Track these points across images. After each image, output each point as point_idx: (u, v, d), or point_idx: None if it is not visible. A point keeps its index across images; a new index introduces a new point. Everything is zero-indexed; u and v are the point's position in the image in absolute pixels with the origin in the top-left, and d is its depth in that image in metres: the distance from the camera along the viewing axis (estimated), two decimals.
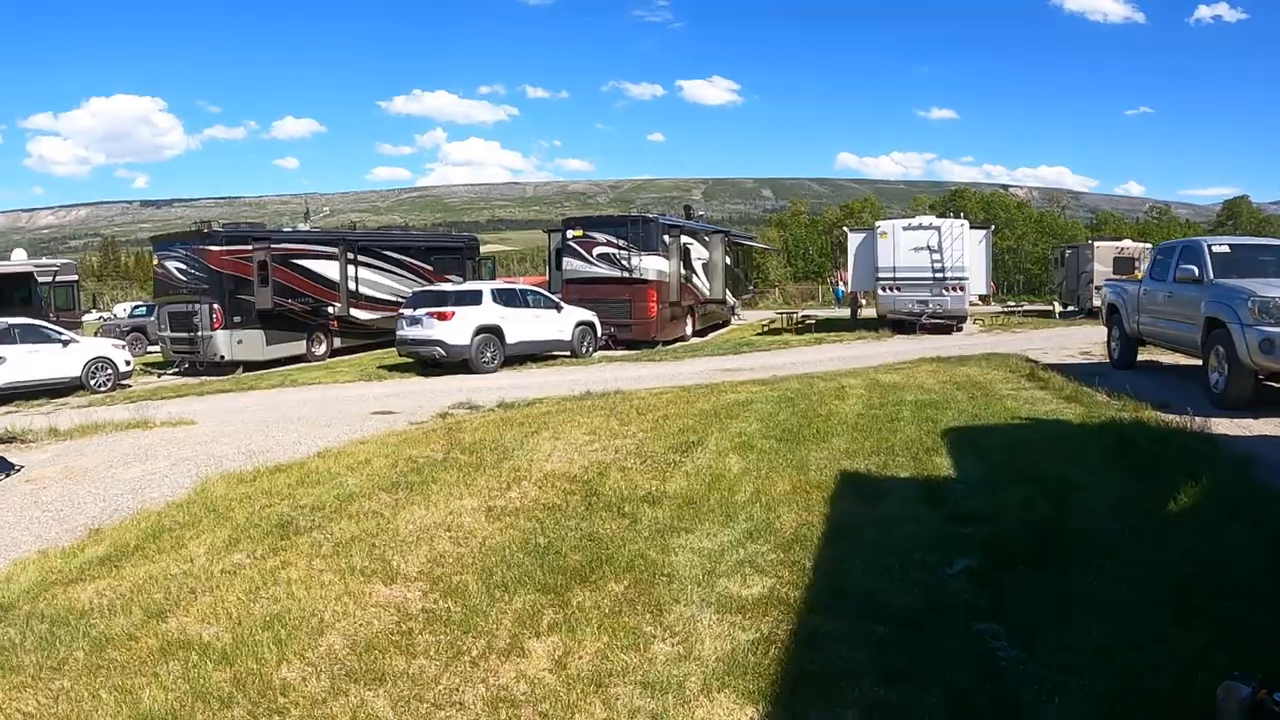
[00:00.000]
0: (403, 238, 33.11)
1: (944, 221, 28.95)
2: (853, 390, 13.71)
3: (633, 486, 8.09)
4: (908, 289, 28.16)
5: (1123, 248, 41.11)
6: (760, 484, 7.93)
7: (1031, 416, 10.90)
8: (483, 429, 11.59)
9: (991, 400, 12.15)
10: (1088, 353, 20.56)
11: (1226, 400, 11.87)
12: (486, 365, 21.45)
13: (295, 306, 26.09)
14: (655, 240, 26.51)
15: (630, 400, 13.66)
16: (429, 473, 9.04)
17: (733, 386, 15.10)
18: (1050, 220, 75.40)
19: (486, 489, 8.32)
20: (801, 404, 12.39)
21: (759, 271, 58.35)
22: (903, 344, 24.88)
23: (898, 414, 11.19)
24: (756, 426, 10.67)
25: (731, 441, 9.81)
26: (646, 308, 26.31)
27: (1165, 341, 14.85)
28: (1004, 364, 16.78)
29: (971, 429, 10.18)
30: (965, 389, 13.49)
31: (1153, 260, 15.72)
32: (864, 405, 12.13)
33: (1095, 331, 28.14)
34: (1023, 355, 18.79)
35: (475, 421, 12.50)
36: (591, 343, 24.56)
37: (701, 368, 20.31)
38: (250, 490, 8.93)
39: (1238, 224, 78.49)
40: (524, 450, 9.90)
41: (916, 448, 9.11)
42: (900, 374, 15.96)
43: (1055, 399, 12.34)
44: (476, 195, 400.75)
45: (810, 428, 10.42)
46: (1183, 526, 6.47)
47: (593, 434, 10.76)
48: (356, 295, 27.85)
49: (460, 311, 21.41)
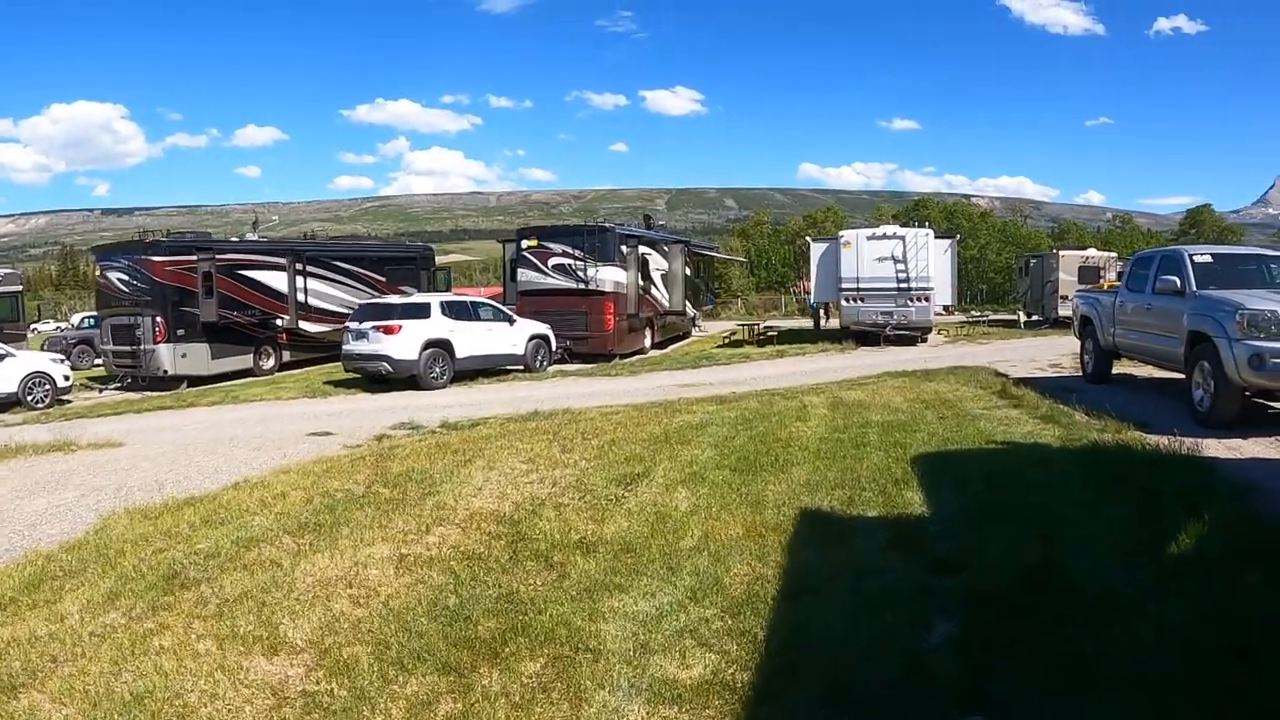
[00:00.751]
0: (354, 248, 32.04)
1: (909, 231, 28.22)
2: (815, 410, 12.86)
3: (566, 529, 7.17)
4: (872, 300, 27.48)
5: (1088, 257, 40.80)
6: (710, 526, 7.01)
7: (1008, 440, 10.06)
8: (414, 456, 10.62)
9: (963, 421, 11.31)
10: (1058, 365, 19.91)
11: (1212, 419, 11.14)
12: (435, 381, 20.50)
13: (241, 319, 25.21)
14: (612, 250, 25.67)
15: (577, 422, 12.76)
16: (343, 511, 8.08)
17: (688, 405, 14.22)
18: (1013, 230, 75.15)
19: (403, 532, 7.37)
20: (760, 426, 11.51)
21: (721, 282, 57.66)
22: (867, 356, 24.14)
23: (863, 438, 10.32)
24: (710, 454, 9.78)
25: (681, 472, 8.91)
26: (603, 320, 25.47)
27: (1144, 356, 14.13)
28: (973, 379, 16.03)
29: (944, 455, 9.33)
30: (934, 408, 12.67)
31: (1129, 270, 15.00)
32: (827, 428, 11.26)
33: (1063, 342, 27.64)
34: (991, 369, 18.07)
35: (409, 447, 11.53)
36: (546, 357, 23.65)
37: (658, 383, 19.44)
38: (150, 530, 7.97)
39: (1200, 232, 78.45)
40: (453, 483, 8.96)
41: (885, 479, 8.22)
42: (865, 391, 15.13)
43: (1031, 419, 11.53)
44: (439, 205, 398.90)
45: (768, 455, 9.54)
46: (1190, 575, 5.61)
47: (531, 463, 9.83)
48: (305, 307, 26.92)
49: (407, 325, 20.44)
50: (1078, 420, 11.25)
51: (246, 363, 25.76)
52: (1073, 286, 38.38)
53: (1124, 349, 14.77)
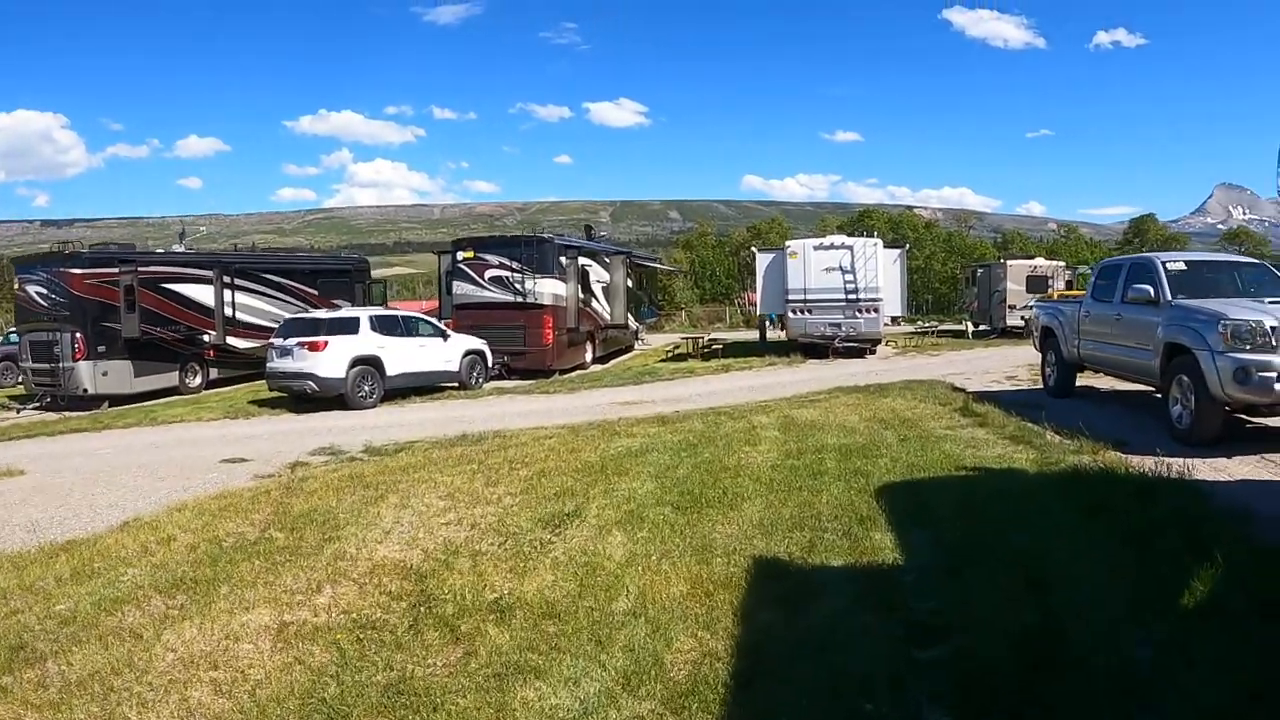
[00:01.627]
0: (285, 259, 30.64)
1: (857, 240, 27.50)
2: (765, 432, 11.88)
3: (480, 586, 6.09)
4: (819, 311, 26.66)
5: (1035, 266, 40.43)
6: (648, 581, 5.96)
7: (979, 466, 9.13)
8: (322, 492, 9.48)
9: (927, 444, 10.36)
10: (1014, 377, 19.25)
11: (1193, 436, 10.38)
12: (364, 400, 19.31)
13: (166, 335, 23.79)
14: (551, 262, 24.60)
15: (506, 448, 11.67)
16: (227, 564, 6.95)
17: (628, 426, 13.19)
18: (958, 240, 75.06)
19: (290, 592, 6.25)
20: (706, 452, 10.50)
21: (665, 294, 56.71)
22: (816, 370, 23.29)
23: (820, 465, 9.34)
24: (650, 487, 8.73)
25: (617, 510, 7.86)
26: (542, 334, 24.37)
27: (1112, 369, 13.35)
28: (930, 394, 15.19)
29: (912, 485, 8.35)
30: (894, 428, 11.75)
31: (1094, 279, 14.24)
32: (779, 453, 10.27)
33: (1015, 352, 27.06)
34: (947, 383, 17.33)
35: (320, 479, 10.40)
36: (482, 373, 22.54)
37: (598, 400, 18.44)
38: (13, 584, 6.87)
39: (1144, 241, 78.74)
40: (358, 526, 7.86)
41: (849, 516, 7.23)
42: (817, 409, 14.18)
43: (999, 440, 10.64)
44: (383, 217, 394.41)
45: (715, 487, 8.52)
46: (1217, 637, 4.73)
47: (450, 499, 8.73)
48: (234, 322, 25.50)
49: (334, 341, 19.23)
50: (1050, 441, 10.40)
51: (172, 380, 24.34)
52: (1021, 296, 38.16)
53: (1090, 362, 14.01)
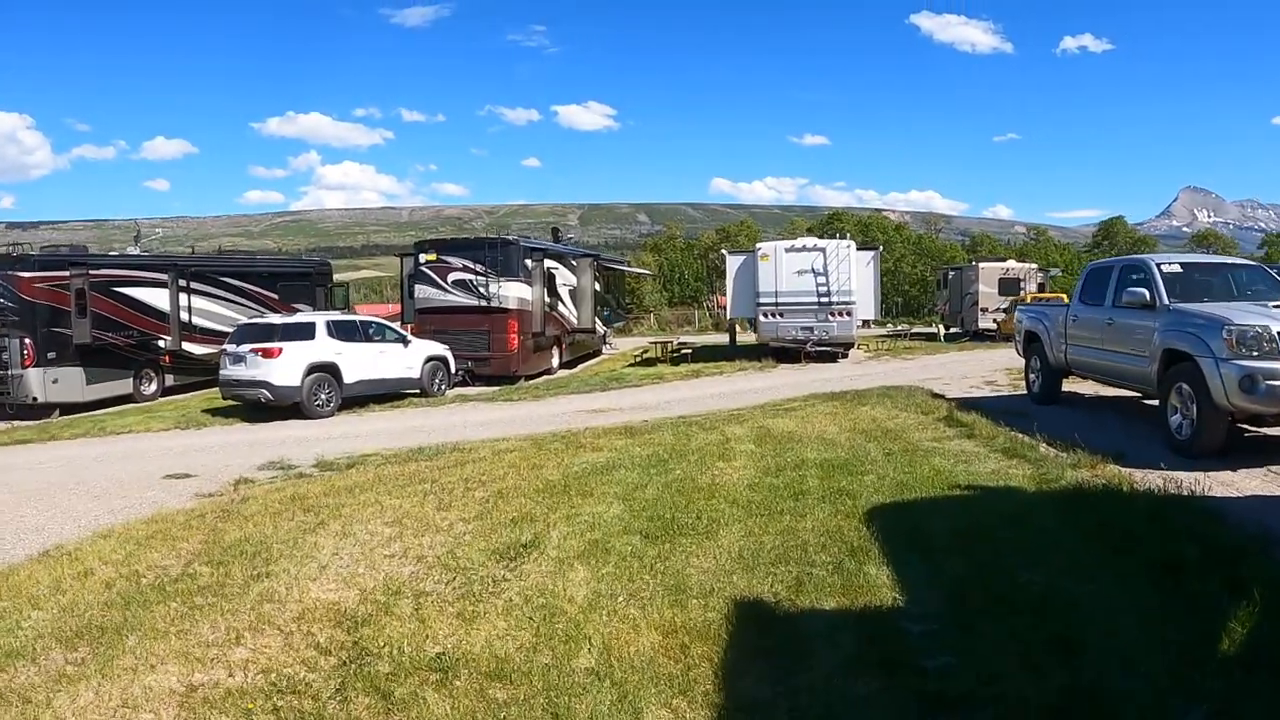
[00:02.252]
0: (244, 262, 29.56)
1: (829, 242, 26.79)
2: (740, 445, 11.12)
3: (422, 637, 5.29)
4: (791, 315, 25.99)
5: (1008, 268, 40.10)
6: (614, 632, 5.18)
7: (973, 484, 8.40)
8: (260, 516, 8.64)
9: (915, 458, 9.64)
10: (993, 383, 18.66)
11: (1195, 448, 9.77)
12: (321, 409, 18.46)
13: (119, 340, 22.85)
14: (516, 265, 23.79)
15: (464, 464, 10.86)
16: (141, 607, 6.11)
17: (594, 438, 12.42)
18: (928, 242, 74.63)
19: (206, 644, 5.43)
20: (677, 469, 9.72)
21: (633, 297, 55.94)
22: (788, 375, 22.60)
23: (802, 484, 8.59)
24: (616, 510, 7.95)
25: (581, 538, 7.08)
26: (506, 339, 23.57)
27: (1104, 375, 12.73)
28: (910, 402, 14.51)
29: (903, 508, 7.62)
30: (877, 440, 11.04)
31: (1082, 282, 13.59)
32: (756, 469, 9.51)
33: (991, 356, 26.57)
34: (926, 389, 16.66)
35: (262, 500, 9.56)
36: (444, 380, 21.70)
37: (564, 408, 17.67)
38: None
39: (1113, 244, 78.59)
40: (294, 558, 7.04)
41: (838, 546, 6.49)
42: (793, 418, 13.44)
43: (990, 453, 9.95)
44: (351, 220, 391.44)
45: (689, 510, 7.76)
46: (1263, 691, 4.17)
47: (398, 525, 7.91)
48: (190, 327, 24.56)
49: (289, 348, 18.37)
50: (1045, 454, 9.73)
51: (126, 388, 23.40)
52: (993, 299, 37.83)
53: (1078, 368, 13.39)
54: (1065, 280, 56.24)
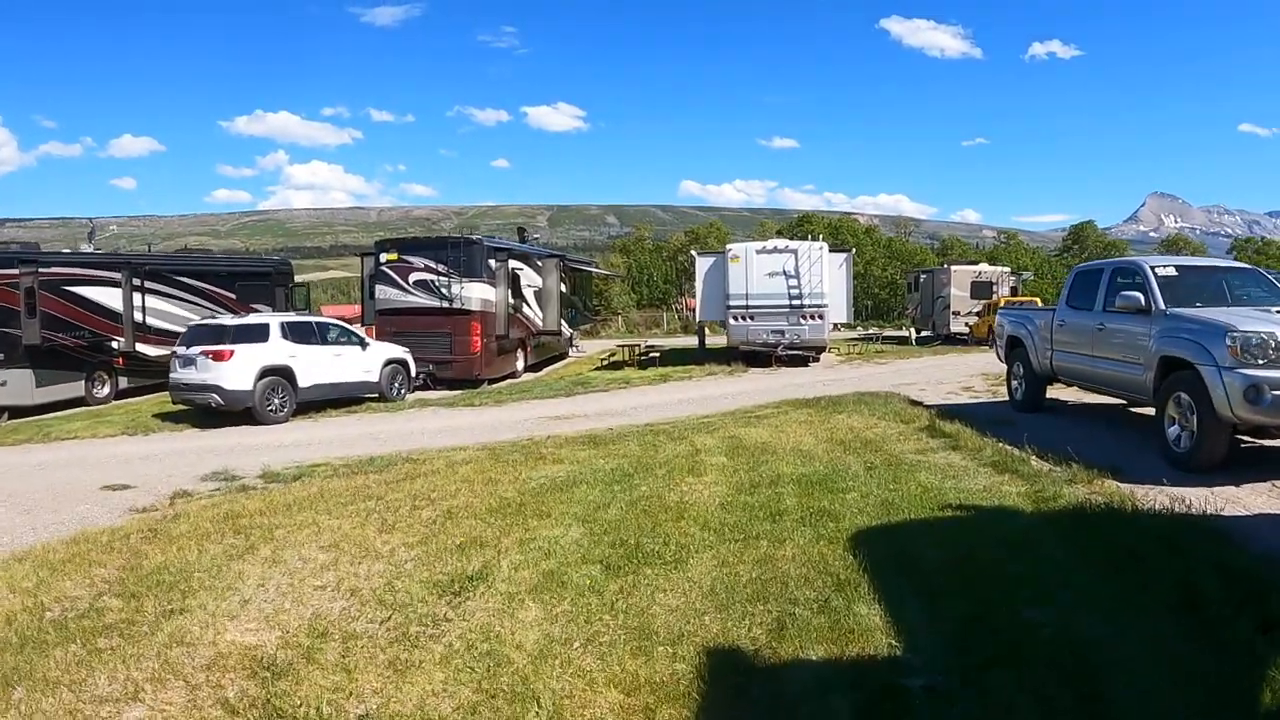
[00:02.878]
0: (201, 261, 28.61)
1: (801, 244, 26.17)
2: (711, 457, 10.39)
3: (346, 694, 4.51)
4: (762, 318, 25.41)
5: (980, 271, 39.77)
6: (569, 688, 4.42)
7: (965, 503, 7.71)
8: (188, 537, 7.83)
9: (899, 472, 8.95)
10: (970, 388, 18.06)
11: (1195, 461, 9.13)
12: (274, 415, 17.69)
13: (70, 341, 22.03)
14: (479, 265, 23.06)
15: (415, 477, 10.08)
16: (35, 650, 5.31)
17: (556, 449, 11.66)
18: (898, 245, 74.23)
19: (99, 700, 4.63)
20: (642, 485, 8.96)
21: (601, 299, 55.19)
22: (759, 380, 21.97)
23: (779, 503, 7.87)
24: (575, 534, 7.19)
25: (534, 569, 6.31)
26: (469, 342, 22.87)
27: (1093, 383, 12.09)
28: (889, 410, 13.85)
29: (892, 531, 6.92)
30: (857, 452, 10.35)
31: (1069, 286, 12.96)
32: (729, 486, 8.78)
33: (965, 360, 26.07)
34: (902, 395, 16.09)
35: (194, 518, 8.75)
36: (404, 384, 20.95)
37: (526, 414, 16.94)
38: None
39: (1083, 248, 78.59)
40: (215, 590, 6.26)
41: (823, 579, 5.76)
42: (767, 427, 12.74)
43: (979, 467, 9.27)
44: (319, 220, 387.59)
45: (655, 534, 7.02)
46: None
47: (335, 550, 7.12)
48: (144, 328, 23.71)
49: (241, 350, 17.57)
50: (1036, 468, 9.08)
51: (78, 390, 22.59)
52: (965, 302, 37.44)
53: (1065, 375, 12.78)
54: (1037, 284, 56.08)
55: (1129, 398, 11.50)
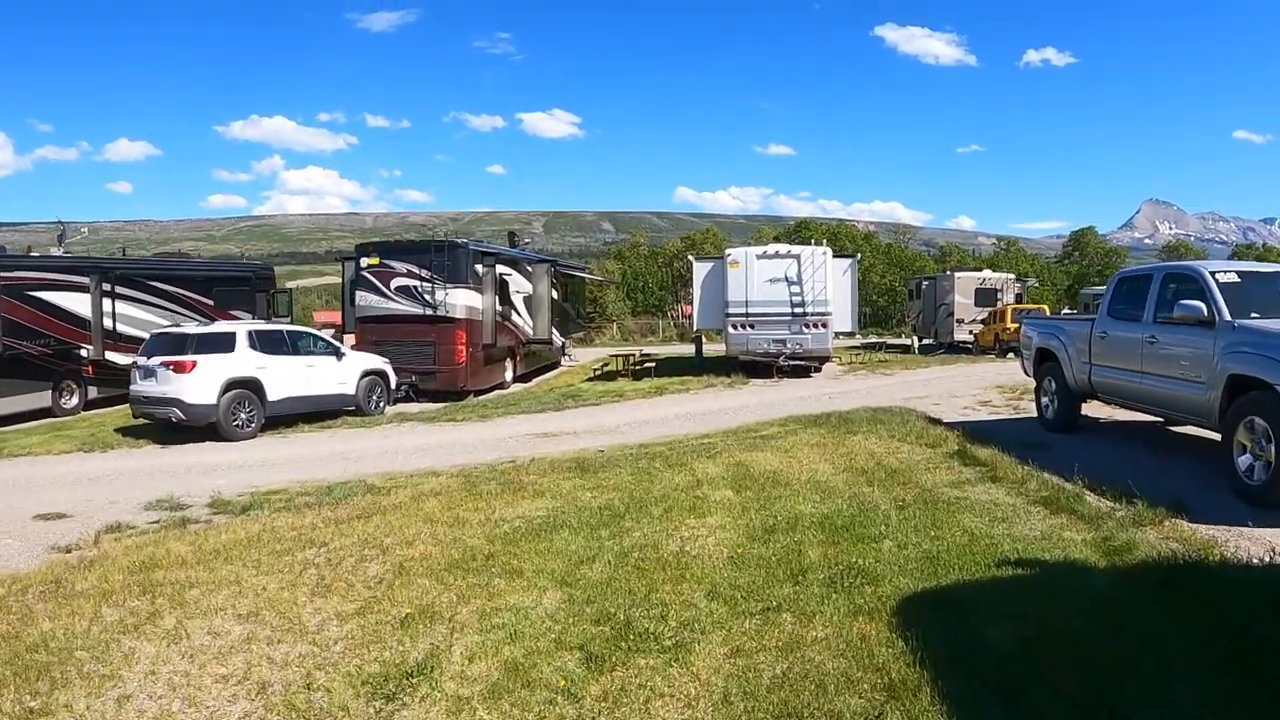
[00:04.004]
0: (175, 265, 27.18)
1: (804, 249, 24.92)
2: (715, 491, 9.02)
3: None
4: (763, 326, 24.20)
5: (984, 278, 38.74)
6: None
7: (1023, 555, 6.34)
8: (86, 597, 6.42)
9: (938, 514, 7.61)
10: (988, 402, 16.88)
11: (1274, 496, 7.78)
12: (240, 430, 16.36)
13: (35, 349, 20.80)
14: (465, 270, 21.77)
15: (371, 515, 8.68)
16: None
17: (538, 477, 10.31)
18: (897, 252, 73.12)
19: None
20: (636, 529, 7.58)
21: (595, 305, 53.92)
22: (761, 393, 20.67)
23: (800, 556, 6.50)
24: (551, 603, 5.79)
25: (494, 658, 4.91)
26: (453, 351, 21.55)
27: (1141, 402, 10.77)
28: (907, 429, 12.59)
29: (944, 599, 5.56)
30: (882, 484, 9.00)
31: (1110, 293, 11.66)
32: (739, 531, 7.41)
33: (975, 371, 24.89)
34: (917, 412, 14.92)
35: (107, 567, 7.34)
36: (383, 396, 19.61)
37: (511, 431, 15.66)
38: None
39: (1083, 254, 77.91)
40: (91, 681, 4.88)
41: (870, 679, 4.37)
42: (775, 451, 11.35)
43: (1028, 505, 7.95)
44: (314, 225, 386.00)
45: (650, 603, 5.66)
46: None
47: (254, 620, 5.73)
48: (114, 335, 22.45)
49: (204, 361, 16.26)
50: (1093, 506, 7.78)
51: (45, 401, 21.36)
52: (969, 310, 36.37)
53: (1106, 392, 11.47)
54: (1038, 291, 54.99)
55: (1181, 419, 10.21)
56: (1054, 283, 69.19)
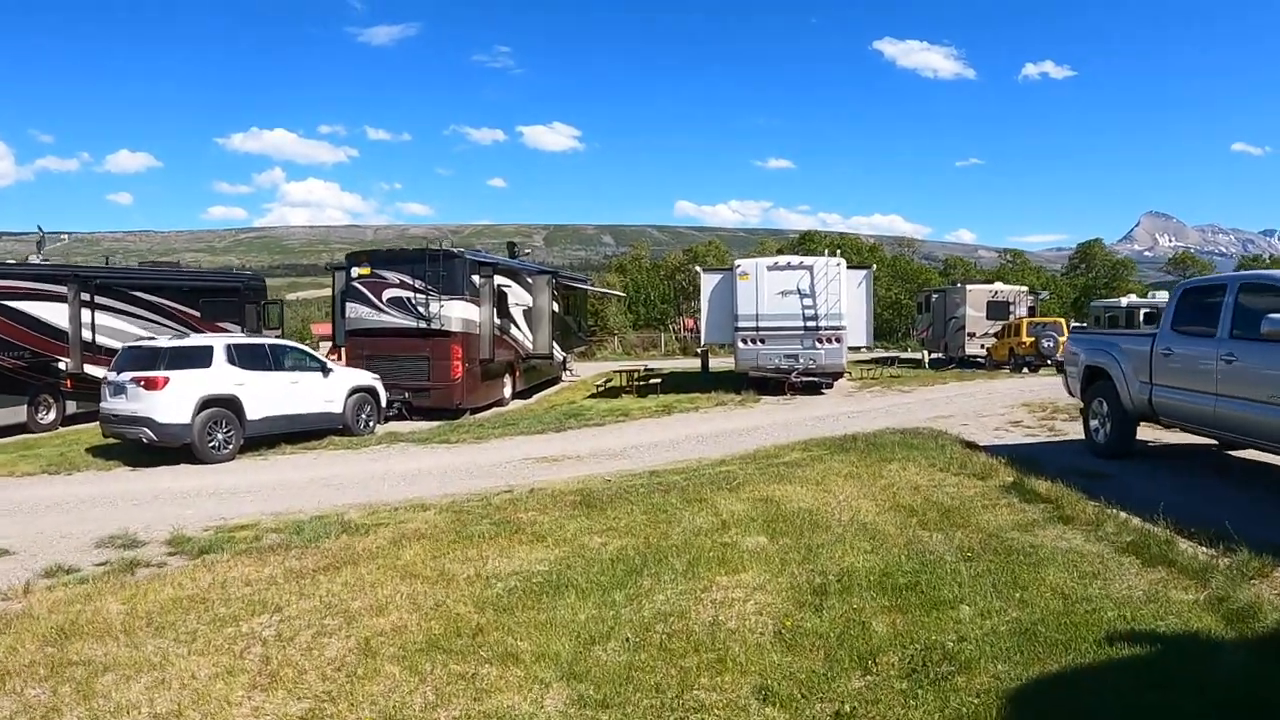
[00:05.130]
0: (159, 275, 25.91)
1: (817, 260, 23.65)
2: (745, 536, 7.75)
3: None
4: (774, 341, 23.01)
5: (996, 291, 37.69)
6: None
7: (1133, 625, 5.09)
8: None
9: (1014, 567, 6.36)
10: (1019, 423, 15.78)
11: None
12: (216, 452, 15.17)
13: (10, 362, 19.92)
14: (461, 281, 20.58)
15: (341, 566, 7.42)
16: None
17: (538, 513, 9.05)
18: (903, 265, 71.94)
19: None
20: (657, 589, 6.28)
21: (597, 319, 52.73)
22: (775, 412, 19.44)
23: (864, 634, 5.23)
24: (554, 706, 4.46)
25: None
26: (449, 367, 20.35)
27: (1219, 429, 9.51)
28: (944, 456, 11.36)
29: (1056, 694, 4.33)
30: (938, 526, 7.78)
31: (1175, 305, 10.44)
32: (782, 593, 6.13)
33: (995, 387, 23.78)
34: (953, 435, 13.75)
35: (19, 633, 6.13)
36: (373, 415, 18.41)
37: (508, 455, 14.45)
38: None
39: (1090, 266, 77.06)
40: None
41: None
42: (806, 485, 10.02)
43: (1116, 555, 6.70)
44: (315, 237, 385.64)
45: (683, 711, 4.38)
46: None
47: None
48: (94, 347, 21.38)
49: (178, 376, 15.08)
50: (1188, 553, 6.63)
51: (20, 415, 20.37)
52: (981, 323, 35.20)
53: (1170, 416, 10.26)
54: (1047, 304, 53.89)
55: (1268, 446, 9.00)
56: (1060, 295, 68.22)
